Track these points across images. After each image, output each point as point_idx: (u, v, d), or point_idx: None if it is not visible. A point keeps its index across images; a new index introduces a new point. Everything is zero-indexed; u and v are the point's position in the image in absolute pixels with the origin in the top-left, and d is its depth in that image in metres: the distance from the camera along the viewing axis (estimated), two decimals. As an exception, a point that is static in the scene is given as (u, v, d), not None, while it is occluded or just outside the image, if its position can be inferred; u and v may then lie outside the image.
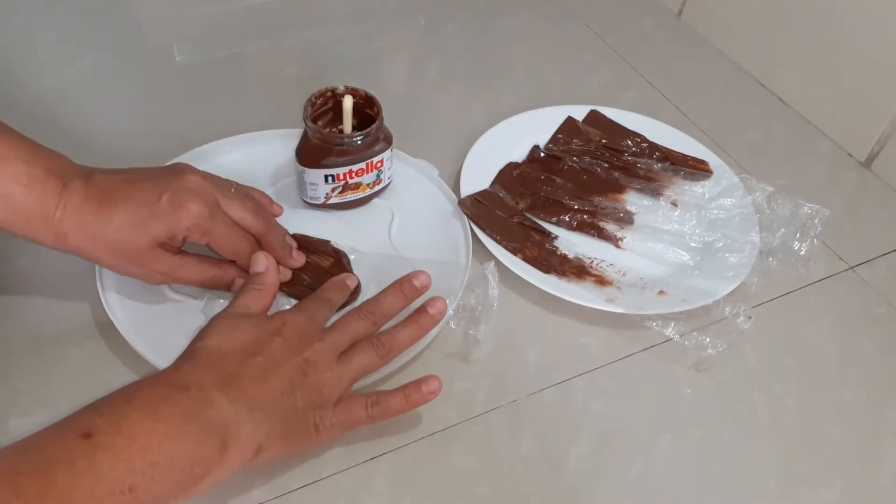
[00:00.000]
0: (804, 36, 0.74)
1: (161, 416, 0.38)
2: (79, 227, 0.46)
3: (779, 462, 0.49)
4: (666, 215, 0.63)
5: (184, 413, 0.39)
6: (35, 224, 0.45)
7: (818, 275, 0.61)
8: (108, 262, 0.48)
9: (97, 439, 0.36)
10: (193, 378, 0.41)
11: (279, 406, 0.42)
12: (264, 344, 0.44)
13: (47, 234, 0.45)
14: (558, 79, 0.79)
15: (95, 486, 0.35)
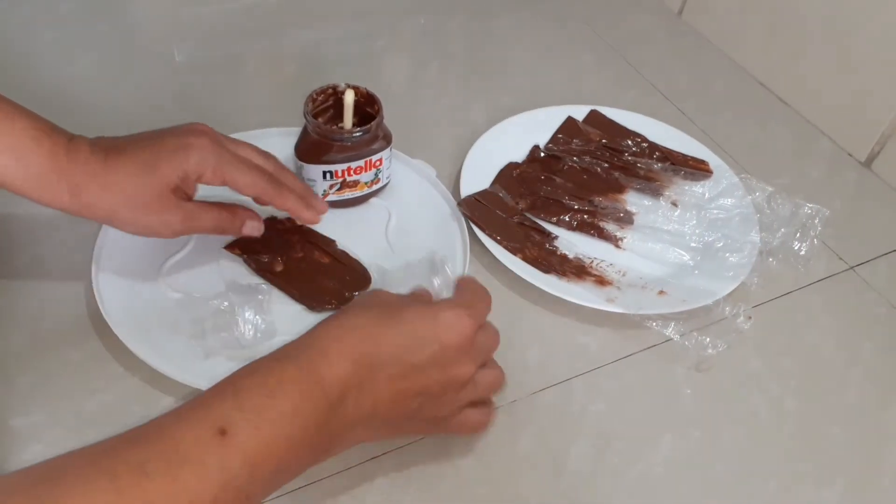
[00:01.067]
0: (804, 36, 0.74)
1: (300, 422, 0.36)
2: (91, 178, 0.45)
3: (779, 462, 0.49)
4: (666, 215, 0.63)
5: (318, 423, 0.37)
6: (49, 179, 0.44)
7: (818, 275, 0.61)
8: (123, 214, 0.46)
9: (233, 439, 0.33)
10: (339, 376, 0.38)
11: (401, 415, 0.41)
12: (423, 348, 0.40)
13: (62, 190, 0.45)
14: (558, 79, 0.79)
15: (219, 492, 0.33)
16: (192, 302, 0.53)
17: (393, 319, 0.40)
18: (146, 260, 0.55)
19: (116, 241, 0.55)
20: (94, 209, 0.46)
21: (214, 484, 0.32)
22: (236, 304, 0.51)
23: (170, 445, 0.33)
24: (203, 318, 0.51)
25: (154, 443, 0.33)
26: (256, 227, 0.53)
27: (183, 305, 0.53)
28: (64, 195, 0.45)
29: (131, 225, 0.48)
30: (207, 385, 0.47)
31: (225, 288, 0.53)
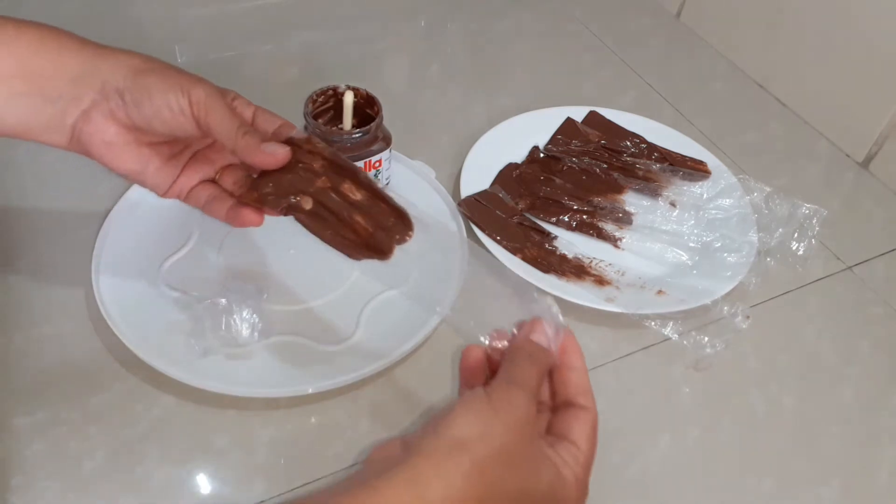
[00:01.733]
0: (802, 37, 0.75)
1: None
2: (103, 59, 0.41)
3: (777, 461, 0.50)
4: (664, 215, 0.63)
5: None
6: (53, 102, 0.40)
7: (816, 275, 0.62)
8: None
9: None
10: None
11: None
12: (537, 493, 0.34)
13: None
14: (558, 80, 0.79)
15: None
16: (191, 301, 0.53)
17: (516, 485, 0.34)
18: (146, 259, 0.55)
19: (116, 240, 0.55)
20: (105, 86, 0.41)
21: None
22: (234, 302, 0.51)
23: None
24: (201, 317, 0.51)
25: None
26: (281, 152, 0.43)
27: (182, 304, 0.53)
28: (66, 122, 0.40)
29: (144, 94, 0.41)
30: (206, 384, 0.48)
31: (223, 287, 0.53)
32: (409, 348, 0.51)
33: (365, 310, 0.54)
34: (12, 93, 0.40)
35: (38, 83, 0.40)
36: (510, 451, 0.34)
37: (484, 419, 0.34)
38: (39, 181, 0.62)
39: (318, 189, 0.44)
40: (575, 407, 0.38)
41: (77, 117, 0.41)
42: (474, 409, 0.34)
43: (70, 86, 0.40)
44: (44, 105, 0.40)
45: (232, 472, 0.46)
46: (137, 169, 0.44)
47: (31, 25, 0.41)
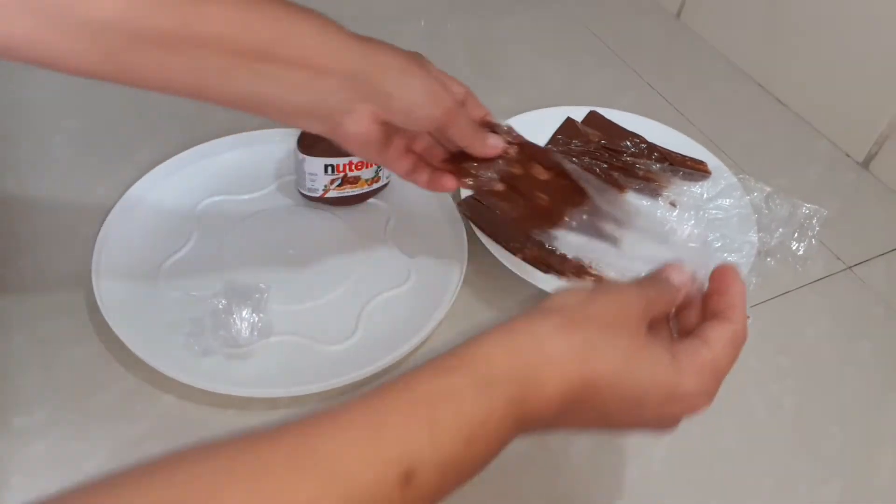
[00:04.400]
0: (802, 37, 0.75)
1: (487, 460, 0.30)
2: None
3: (777, 461, 0.50)
4: (664, 215, 0.63)
5: (501, 449, 0.31)
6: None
7: (816, 275, 0.62)
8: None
9: (417, 489, 0.27)
10: (544, 416, 0.32)
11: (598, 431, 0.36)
12: (649, 414, 0.34)
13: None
14: (558, 79, 0.79)
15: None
16: (191, 301, 0.53)
17: (631, 367, 0.33)
18: (146, 259, 0.55)
19: (116, 241, 0.55)
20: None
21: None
22: (234, 302, 0.51)
23: (341, 482, 0.26)
24: (201, 317, 0.51)
25: (326, 474, 0.26)
26: (500, 146, 0.49)
27: (182, 304, 0.53)
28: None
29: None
30: (206, 384, 0.48)
31: (223, 287, 0.53)
32: (409, 348, 0.51)
33: (365, 310, 0.54)
34: (293, 83, 0.41)
35: (316, 77, 0.42)
36: (609, 320, 0.33)
37: (581, 293, 0.34)
38: (40, 181, 0.62)
39: (511, 174, 0.50)
40: (718, 318, 0.37)
41: (343, 114, 0.43)
42: (572, 290, 0.35)
43: (343, 84, 0.42)
44: (315, 97, 0.42)
45: (232, 472, 0.46)
46: (379, 157, 0.48)
47: (312, 15, 0.43)
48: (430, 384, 0.30)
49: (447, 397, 0.29)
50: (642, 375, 0.33)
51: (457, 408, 0.29)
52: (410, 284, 0.56)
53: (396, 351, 0.50)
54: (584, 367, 0.32)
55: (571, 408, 0.32)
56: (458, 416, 0.29)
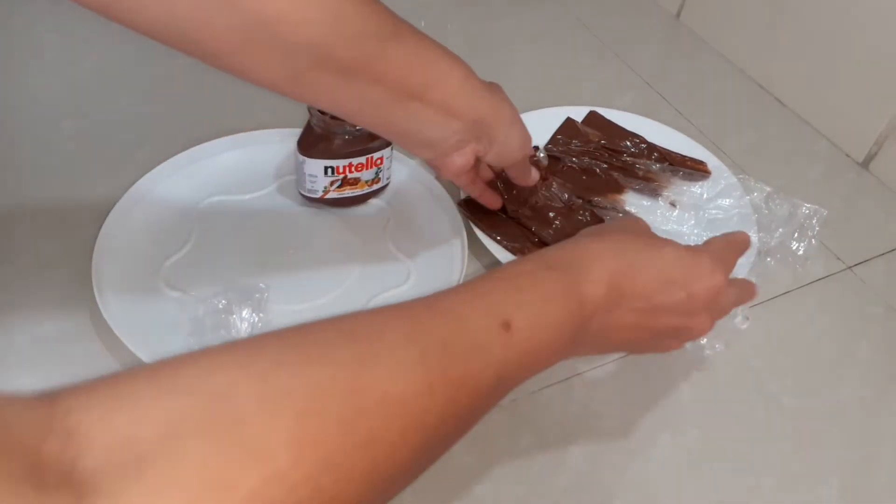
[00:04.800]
0: (802, 37, 0.75)
1: (561, 333, 0.37)
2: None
3: (776, 461, 0.50)
4: (664, 215, 0.63)
5: (573, 336, 0.38)
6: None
7: (816, 275, 0.62)
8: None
9: (515, 335, 0.34)
10: (596, 297, 0.38)
11: (627, 343, 0.43)
12: (672, 295, 0.41)
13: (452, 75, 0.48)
14: (557, 80, 0.79)
15: (496, 381, 0.33)
16: (191, 301, 0.53)
17: (653, 253, 0.41)
18: (146, 260, 0.55)
19: (116, 241, 0.55)
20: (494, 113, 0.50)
21: (493, 373, 0.33)
22: (234, 302, 0.51)
23: (463, 328, 0.33)
24: (201, 317, 0.51)
25: (451, 322, 0.33)
26: (537, 178, 0.59)
27: (182, 304, 0.53)
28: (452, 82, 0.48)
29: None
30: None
31: (223, 287, 0.53)
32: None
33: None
34: (433, 122, 0.47)
35: (451, 119, 0.48)
36: (629, 230, 0.45)
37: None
38: (39, 181, 0.62)
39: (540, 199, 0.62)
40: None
41: (455, 149, 0.50)
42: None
43: (468, 127, 0.49)
44: (444, 134, 0.48)
45: (232, 472, 0.46)
46: (468, 182, 0.57)
47: (458, 63, 0.48)
48: (509, 268, 0.39)
49: (523, 274, 0.38)
50: (666, 254, 0.41)
51: (531, 280, 0.37)
52: (410, 284, 0.56)
53: (396, 351, 0.50)
54: (618, 257, 0.40)
55: (618, 294, 0.39)
56: (533, 286, 0.37)
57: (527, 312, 0.35)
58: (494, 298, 0.35)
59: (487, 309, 0.35)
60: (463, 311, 0.34)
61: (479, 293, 0.36)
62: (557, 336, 0.37)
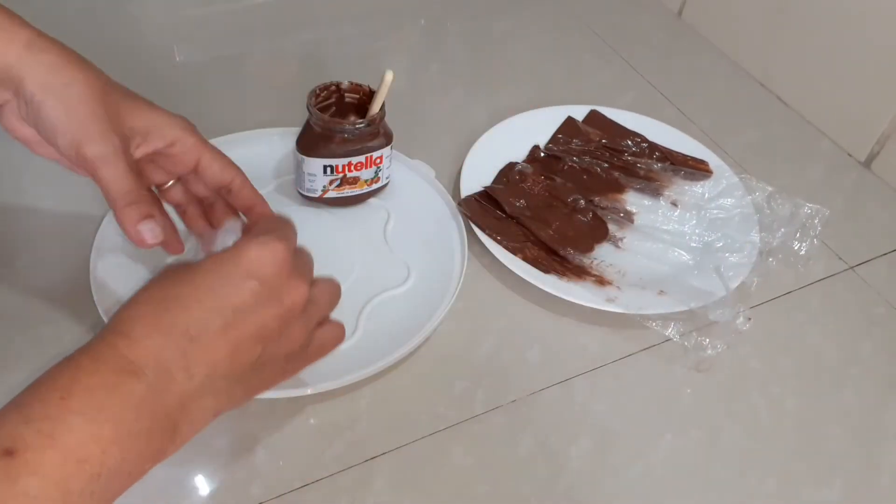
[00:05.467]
0: (804, 36, 0.74)
1: (107, 416, 0.31)
2: (62, 49, 0.42)
3: (779, 462, 0.49)
4: (666, 215, 0.63)
5: (136, 405, 0.32)
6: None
7: (818, 275, 0.61)
8: (85, 98, 0.41)
9: (23, 457, 0.28)
10: (149, 351, 0.33)
11: (248, 367, 0.36)
12: (238, 290, 0.35)
13: (15, 36, 0.41)
14: (558, 79, 0.79)
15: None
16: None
17: (190, 276, 0.35)
18: (145, 259, 0.55)
19: (116, 241, 0.55)
20: (43, 72, 0.41)
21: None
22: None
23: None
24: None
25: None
26: (153, 231, 0.43)
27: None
28: (16, 44, 0.40)
29: (70, 113, 0.41)
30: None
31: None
32: (409, 348, 0.51)
33: (365, 310, 0.54)
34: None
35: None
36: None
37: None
38: (38, 181, 0.62)
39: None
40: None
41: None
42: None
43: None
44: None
45: (231, 473, 0.46)
46: (57, 159, 0.46)
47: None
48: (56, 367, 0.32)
49: (36, 381, 0.32)
50: (201, 264, 0.36)
51: (42, 383, 0.31)
52: (410, 284, 0.56)
53: (396, 351, 0.50)
54: (170, 308, 0.34)
55: (180, 342, 0.33)
56: (43, 386, 0.31)
57: (38, 422, 0.29)
58: (1, 418, 0.30)
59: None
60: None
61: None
62: (104, 425, 0.31)
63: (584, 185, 0.65)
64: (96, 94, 0.42)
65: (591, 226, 0.61)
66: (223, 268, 0.36)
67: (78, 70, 0.42)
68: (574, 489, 0.47)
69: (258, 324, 0.36)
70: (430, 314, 0.52)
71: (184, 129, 0.46)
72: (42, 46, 0.42)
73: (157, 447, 0.33)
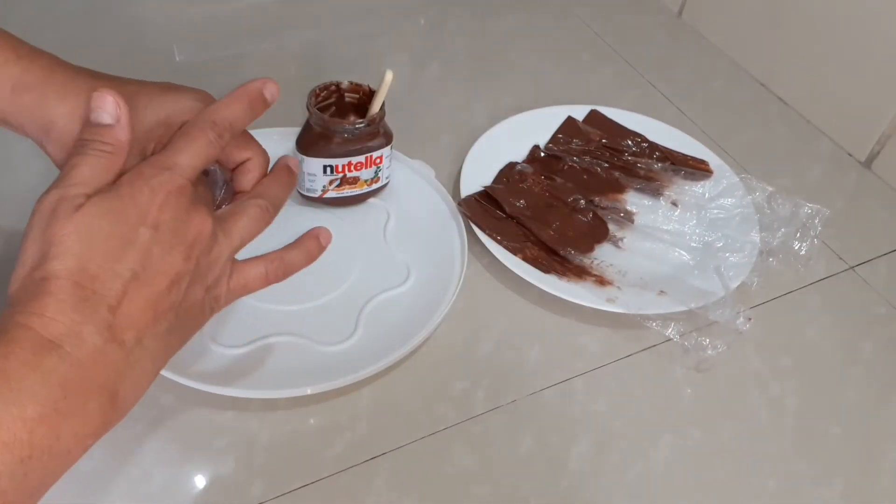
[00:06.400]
0: (804, 35, 0.74)
1: (29, 396, 0.29)
2: (46, 82, 0.40)
3: (779, 462, 0.49)
4: (666, 215, 0.63)
5: (61, 383, 0.30)
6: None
7: (818, 275, 0.61)
8: (70, 134, 0.39)
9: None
10: (69, 328, 0.31)
11: (171, 313, 0.35)
12: (135, 244, 0.33)
13: (1, 83, 0.40)
14: (558, 79, 0.79)
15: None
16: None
17: (85, 228, 0.33)
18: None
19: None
20: (30, 116, 0.40)
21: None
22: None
23: None
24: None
25: None
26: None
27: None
28: (2, 92, 0.40)
29: (62, 149, 0.40)
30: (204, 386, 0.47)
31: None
32: (409, 349, 0.51)
33: (365, 310, 0.54)
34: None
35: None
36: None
37: None
38: (39, 181, 0.61)
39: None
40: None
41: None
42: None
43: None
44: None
45: (230, 473, 0.46)
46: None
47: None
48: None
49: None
50: (89, 209, 0.34)
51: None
52: (410, 284, 0.56)
53: (396, 351, 0.50)
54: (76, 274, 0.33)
55: (91, 310, 0.32)
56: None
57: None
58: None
59: None
60: None
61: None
62: (23, 402, 0.29)
63: (585, 185, 0.64)
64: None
65: (592, 226, 0.61)
66: (117, 217, 0.34)
67: (59, 106, 0.40)
68: (574, 489, 0.47)
69: (167, 271, 0.35)
70: (430, 314, 0.52)
71: (193, 111, 0.43)
72: (26, 84, 0.41)
73: (97, 421, 0.32)
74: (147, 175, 0.35)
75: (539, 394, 0.51)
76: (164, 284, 0.34)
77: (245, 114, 0.41)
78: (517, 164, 0.65)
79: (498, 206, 0.61)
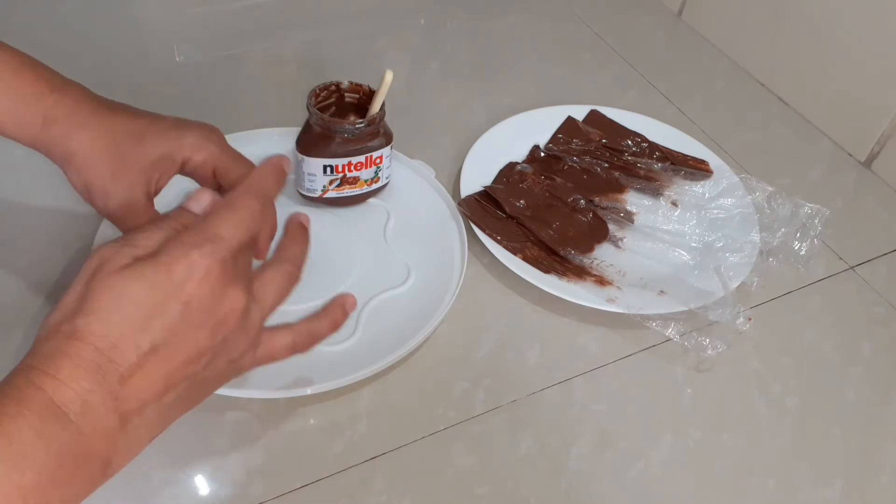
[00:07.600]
0: (804, 36, 0.74)
1: (30, 463, 0.29)
2: (72, 115, 0.45)
3: (779, 462, 0.49)
4: (666, 215, 0.63)
5: (59, 453, 0.30)
6: (27, 104, 0.45)
7: (818, 275, 0.61)
8: (80, 160, 0.45)
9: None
10: (77, 395, 0.31)
11: (183, 384, 0.34)
12: (162, 316, 0.33)
13: (35, 116, 0.45)
14: (558, 79, 0.79)
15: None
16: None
17: (117, 294, 0.33)
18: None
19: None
20: (56, 146, 0.45)
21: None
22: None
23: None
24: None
25: None
26: None
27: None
28: (36, 123, 0.45)
29: (80, 176, 0.46)
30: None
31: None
32: (408, 349, 0.51)
33: (365, 310, 0.54)
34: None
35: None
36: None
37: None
38: (38, 181, 0.62)
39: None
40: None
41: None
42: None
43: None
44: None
45: (231, 473, 0.46)
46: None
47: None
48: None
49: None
50: (128, 278, 0.33)
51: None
52: (410, 284, 0.56)
53: (396, 351, 0.50)
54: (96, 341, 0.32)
55: (108, 379, 0.32)
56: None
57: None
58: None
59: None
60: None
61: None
62: (26, 472, 0.29)
63: (585, 185, 0.64)
64: (101, 154, 0.45)
65: (592, 226, 0.61)
66: (152, 285, 0.33)
67: (81, 137, 0.45)
68: (574, 489, 0.47)
69: (189, 349, 0.34)
70: (430, 314, 0.52)
71: (193, 147, 0.48)
72: (55, 116, 0.45)
73: (86, 489, 0.32)
74: (188, 244, 0.34)
75: (539, 394, 0.51)
76: (181, 360, 0.34)
77: (277, 185, 0.41)
78: (517, 164, 0.66)
79: (498, 206, 0.61)
